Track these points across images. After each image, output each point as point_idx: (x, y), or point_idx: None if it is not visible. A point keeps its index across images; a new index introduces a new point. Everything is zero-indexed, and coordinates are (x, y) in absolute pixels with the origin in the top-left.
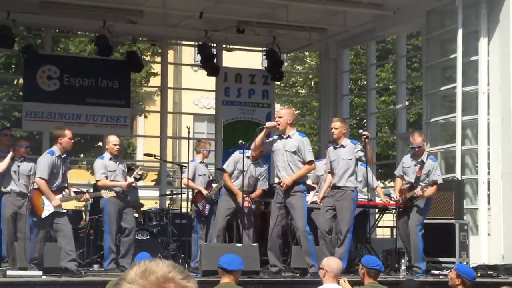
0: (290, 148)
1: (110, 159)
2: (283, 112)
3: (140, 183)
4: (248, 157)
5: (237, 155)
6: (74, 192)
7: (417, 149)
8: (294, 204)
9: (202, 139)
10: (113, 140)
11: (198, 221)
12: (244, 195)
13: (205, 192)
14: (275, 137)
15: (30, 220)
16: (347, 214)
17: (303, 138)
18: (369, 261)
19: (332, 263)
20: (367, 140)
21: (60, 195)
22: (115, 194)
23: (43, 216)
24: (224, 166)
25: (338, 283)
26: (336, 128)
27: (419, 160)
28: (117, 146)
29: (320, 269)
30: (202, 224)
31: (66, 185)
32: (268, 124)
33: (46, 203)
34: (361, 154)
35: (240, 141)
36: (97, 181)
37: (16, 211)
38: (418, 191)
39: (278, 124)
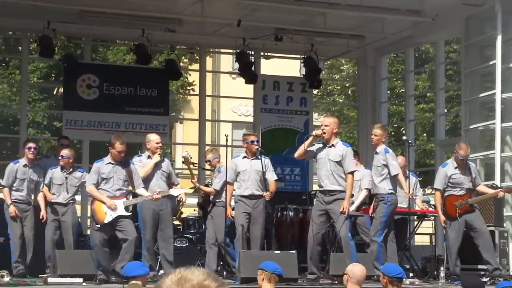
0: (334, 157)
1: (149, 157)
2: (328, 121)
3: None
4: (245, 157)
5: (232, 162)
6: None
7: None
8: (336, 210)
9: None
10: (154, 138)
11: None
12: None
13: None
14: (319, 146)
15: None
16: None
17: (347, 148)
18: (390, 270)
19: (355, 270)
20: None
21: (124, 199)
22: (186, 191)
23: (105, 221)
24: (228, 179)
25: None
26: (375, 135)
27: (467, 167)
28: (160, 144)
29: (344, 275)
30: None
31: (125, 189)
32: (315, 132)
33: (108, 209)
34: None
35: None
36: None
37: (59, 219)
38: (500, 193)
39: (324, 133)
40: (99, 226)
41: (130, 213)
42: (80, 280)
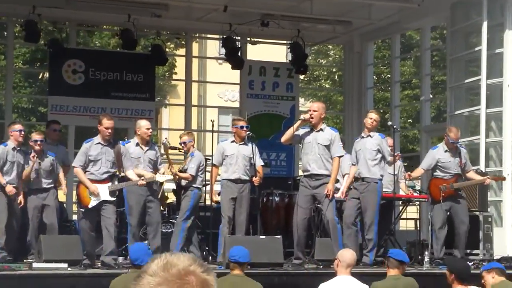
0: (323, 141)
1: (137, 144)
2: (316, 106)
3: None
4: (233, 141)
5: (220, 145)
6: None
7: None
8: (323, 194)
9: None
10: (145, 124)
11: None
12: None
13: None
14: (306, 130)
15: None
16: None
17: (335, 132)
18: (394, 253)
19: (345, 254)
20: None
21: (109, 183)
22: (170, 178)
23: (90, 206)
24: (214, 162)
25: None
26: (375, 120)
27: (457, 152)
28: (150, 130)
29: (335, 260)
30: None
31: (112, 171)
32: (303, 116)
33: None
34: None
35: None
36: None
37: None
38: (487, 180)
39: (312, 118)
40: (83, 210)
41: (115, 198)
42: (65, 265)
